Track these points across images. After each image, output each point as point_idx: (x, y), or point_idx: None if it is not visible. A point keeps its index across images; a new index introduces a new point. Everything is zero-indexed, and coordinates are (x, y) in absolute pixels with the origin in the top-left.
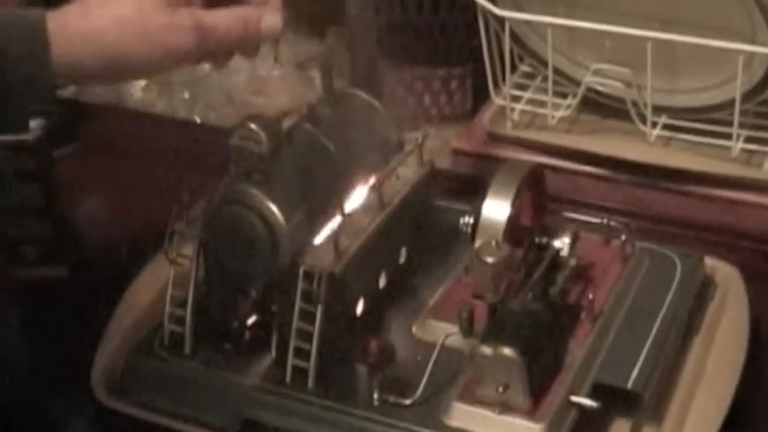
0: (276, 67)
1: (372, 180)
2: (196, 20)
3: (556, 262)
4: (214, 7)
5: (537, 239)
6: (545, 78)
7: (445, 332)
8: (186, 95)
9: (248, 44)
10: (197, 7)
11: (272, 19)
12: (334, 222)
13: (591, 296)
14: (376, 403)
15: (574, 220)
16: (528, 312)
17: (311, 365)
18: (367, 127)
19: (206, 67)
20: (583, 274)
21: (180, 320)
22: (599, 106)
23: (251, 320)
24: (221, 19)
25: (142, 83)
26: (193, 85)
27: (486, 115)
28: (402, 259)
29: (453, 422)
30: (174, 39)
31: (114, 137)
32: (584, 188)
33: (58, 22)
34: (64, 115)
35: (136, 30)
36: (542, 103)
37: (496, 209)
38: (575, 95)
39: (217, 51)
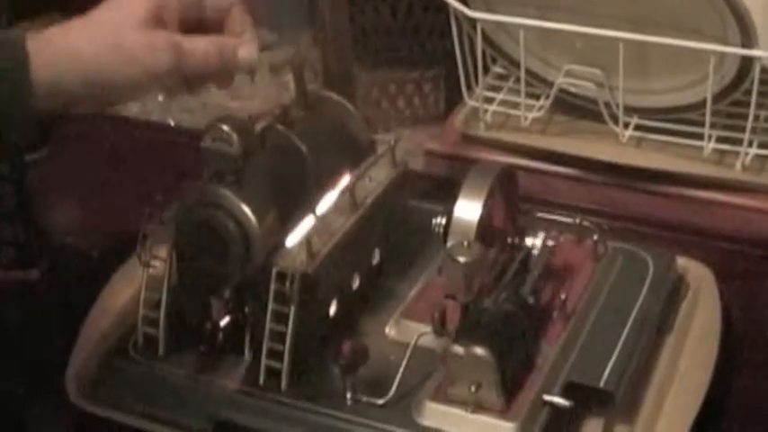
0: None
1: (345, 182)
2: (174, 42)
3: (528, 262)
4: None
5: (509, 240)
6: (518, 80)
7: (418, 332)
8: (160, 98)
9: (223, 72)
10: (174, 32)
11: (248, 50)
12: (307, 224)
13: (563, 296)
14: (349, 403)
15: (546, 221)
16: (500, 312)
17: (285, 366)
18: (340, 129)
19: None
20: (555, 274)
21: (154, 323)
22: (571, 107)
23: (224, 322)
24: (198, 44)
25: None
26: None
27: (459, 117)
28: (375, 260)
29: (426, 421)
30: (151, 57)
31: (87, 140)
32: (557, 189)
33: (40, 42)
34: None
35: (114, 47)
36: (515, 105)
37: (468, 209)
38: (547, 96)
39: (192, 76)
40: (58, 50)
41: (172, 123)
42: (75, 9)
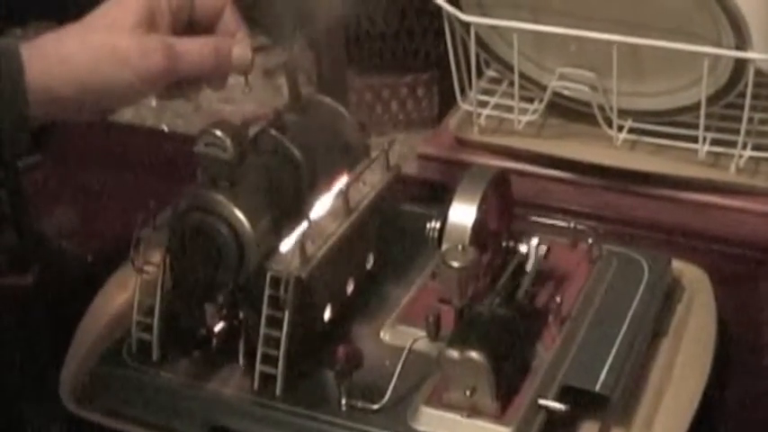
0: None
1: (339, 186)
2: (167, 44)
3: (523, 266)
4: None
5: (504, 243)
6: (511, 83)
7: (413, 337)
8: (153, 103)
9: (218, 73)
10: (167, 34)
11: (242, 49)
12: (301, 228)
13: (558, 299)
14: (344, 409)
15: (541, 224)
16: (495, 316)
17: (279, 372)
18: (333, 133)
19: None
20: (550, 278)
21: (147, 328)
22: (565, 110)
23: (218, 327)
24: (192, 46)
25: None
26: None
27: (452, 120)
28: (369, 264)
29: (421, 427)
30: (144, 61)
31: (81, 145)
32: (552, 192)
33: (34, 49)
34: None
35: (106, 51)
36: (509, 108)
37: (463, 213)
38: (541, 100)
39: (186, 79)
40: (52, 58)
41: (165, 128)
42: (66, 15)
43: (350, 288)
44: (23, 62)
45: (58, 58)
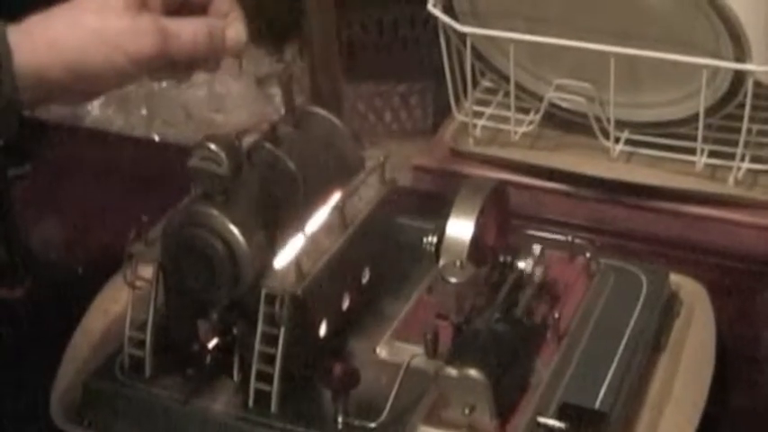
0: (237, 76)
1: (335, 199)
2: (159, 25)
3: (520, 280)
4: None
5: (501, 258)
6: (507, 94)
7: (410, 353)
8: (144, 112)
9: (212, 54)
10: (158, 15)
11: (236, 30)
12: (297, 243)
13: (556, 314)
14: (340, 427)
15: (538, 238)
16: (493, 332)
17: (274, 389)
18: (328, 145)
19: (163, 81)
20: (548, 293)
21: (140, 344)
22: (562, 122)
23: (212, 344)
24: (185, 26)
25: (100, 98)
26: (151, 100)
27: (447, 131)
28: (365, 279)
29: None
30: (135, 42)
31: (70, 156)
32: (548, 204)
33: (22, 32)
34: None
35: (96, 33)
36: (505, 119)
37: (460, 228)
38: (537, 111)
39: (179, 60)
40: (40, 40)
41: (156, 138)
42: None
43: (345, 303)
44: (11, 45)
45: (46, 40)
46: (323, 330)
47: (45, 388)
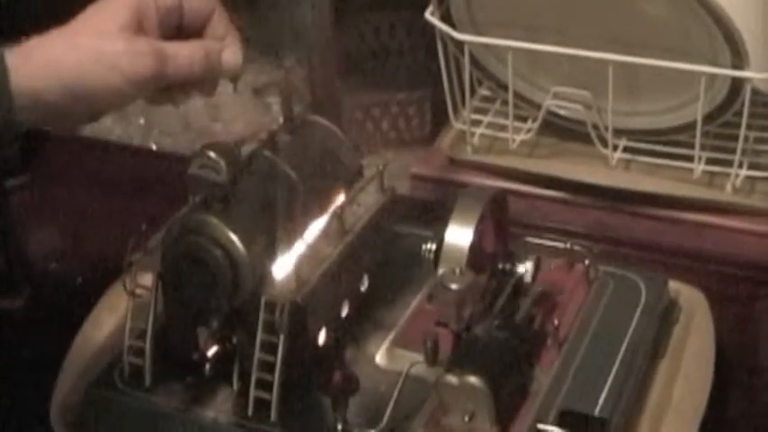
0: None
1: (333, 207)
2: (156, 47)
3: (520, 288)
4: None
5: (500, 265)
6: (505, 102)
7: (409, 361)
8: (142, 121)
9: (208, 77)
10: (156, 38)
11: (233, 53)
12: (296, 251)
13: (556, 322)
14: None
15: (536, 245)
16: (493, 340)
17: (274, 397)
18: (327, 153)
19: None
20: (547, 300)
21: (140, 352)
22: (560, 129)
23: (212, 352)
24: (182, 49)
25: None
26: (149, 110)
27: (445, 140)
28: (364, 287)
29: None
30: (132, 63)
31: (68, 165)
32: (546, 212)
33: (19, 54)
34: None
35: (94, 54)
36: (503, 127)
37: (459, 236)
38: (535, 119)
39: (175, 82)
40: (38, 62)
41: (154, 147)
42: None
43: (345, 311)
44: (8, 66)
45: (44, 62)
46: (322, 338)
47: (45, 397)
